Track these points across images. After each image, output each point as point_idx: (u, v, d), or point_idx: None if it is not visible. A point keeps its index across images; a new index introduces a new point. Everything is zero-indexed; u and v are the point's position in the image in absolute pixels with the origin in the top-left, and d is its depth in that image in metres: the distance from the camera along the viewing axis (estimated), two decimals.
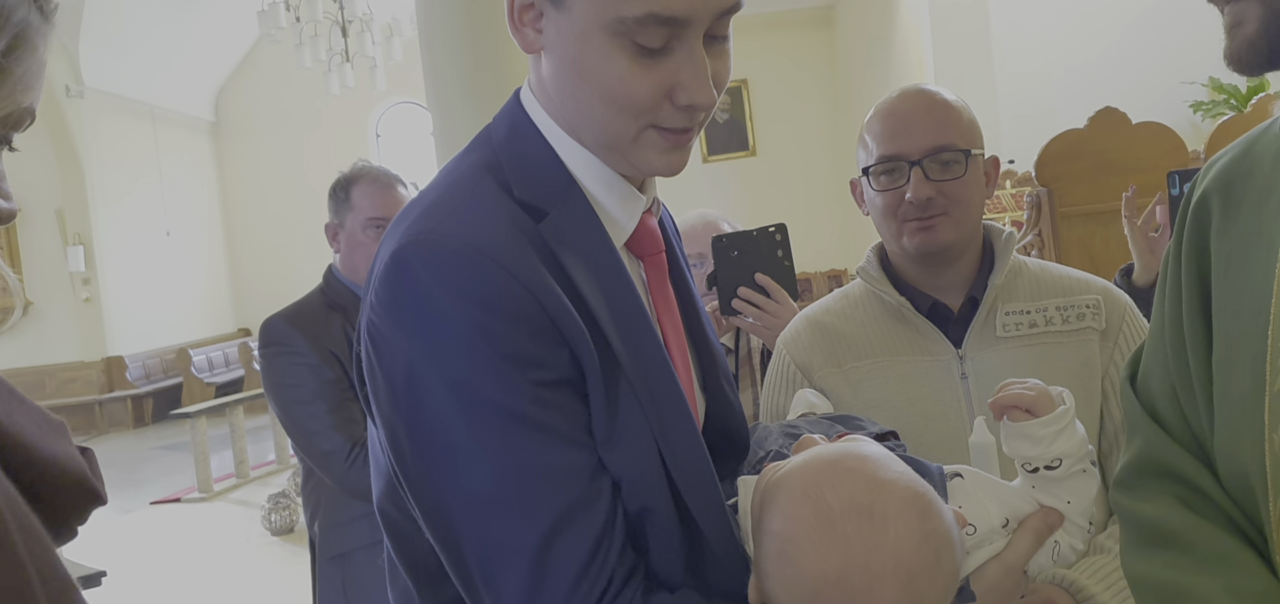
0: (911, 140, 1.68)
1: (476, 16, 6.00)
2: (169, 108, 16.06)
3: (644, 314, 1.13)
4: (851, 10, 14.15)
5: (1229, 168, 1.15)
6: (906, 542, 1.00)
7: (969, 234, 1.72)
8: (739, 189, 14.74)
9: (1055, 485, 1.21)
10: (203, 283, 16.74)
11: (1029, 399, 1.21)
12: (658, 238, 1.23)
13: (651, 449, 1.10)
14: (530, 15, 1.10)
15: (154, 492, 10.24)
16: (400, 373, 1.05)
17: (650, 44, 1.04)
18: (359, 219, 2.71)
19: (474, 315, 1.01)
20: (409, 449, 1.06)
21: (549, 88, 1.14)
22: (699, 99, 1.06)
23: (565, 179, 1.14)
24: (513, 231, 1.06)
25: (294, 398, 2.62)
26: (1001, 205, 7.78)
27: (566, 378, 1.06)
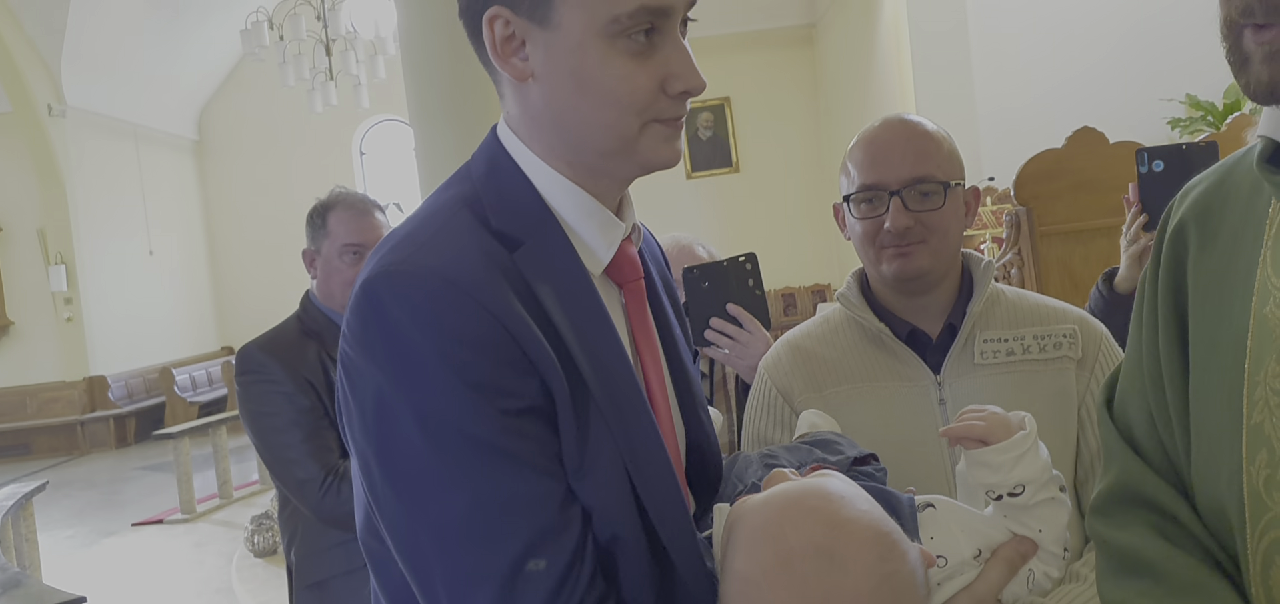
0: (891, 170, 1.70)
1: (459, 34, 5.91)
2: (152, 126, 16.00)
3: (618, 343, 1.14)
4: (833, 29, 14.22)
5: (1206, 196, 1.15)
6: (864, 585, 1.01)
7: (946, 262, 1.75)
8: (722, 205, 14.77)
9: (1024, 513, 1.21)
10: (186, 302, 16.66)
11: (981, 429, 1.21)
12: (637, 265, 1.24)
13: (622, 478, 1.11)
14: (513, 45, 1.12)
15: (136, 513, 10.16)
16: (370, 402, 1.06)
17: (642, 36, 1.08)
18: (335, 245, 2.70)
19: (442, 345, 1.03)
20: (380, 477, 1.07)
21: (535, 115, 1.16)
22: (692, 84, 1.11)
23: (541, 210, 1.15)
24: (484, 261, 1.08)
25: (269, 426, 2.61)
26: (982, 222, 7.82)
27: (536, 407, 1.07)
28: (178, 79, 16.11)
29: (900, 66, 11.01)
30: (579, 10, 1.07)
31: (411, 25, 6.36)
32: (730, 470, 1.34)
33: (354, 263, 2.70)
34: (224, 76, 17.21)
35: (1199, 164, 2.31)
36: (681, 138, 1.17)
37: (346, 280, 2.70)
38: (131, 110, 15.41)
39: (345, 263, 2.70)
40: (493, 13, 1.11)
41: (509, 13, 1.10)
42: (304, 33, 11.88)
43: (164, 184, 16.35)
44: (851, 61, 13.25)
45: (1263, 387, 1.00)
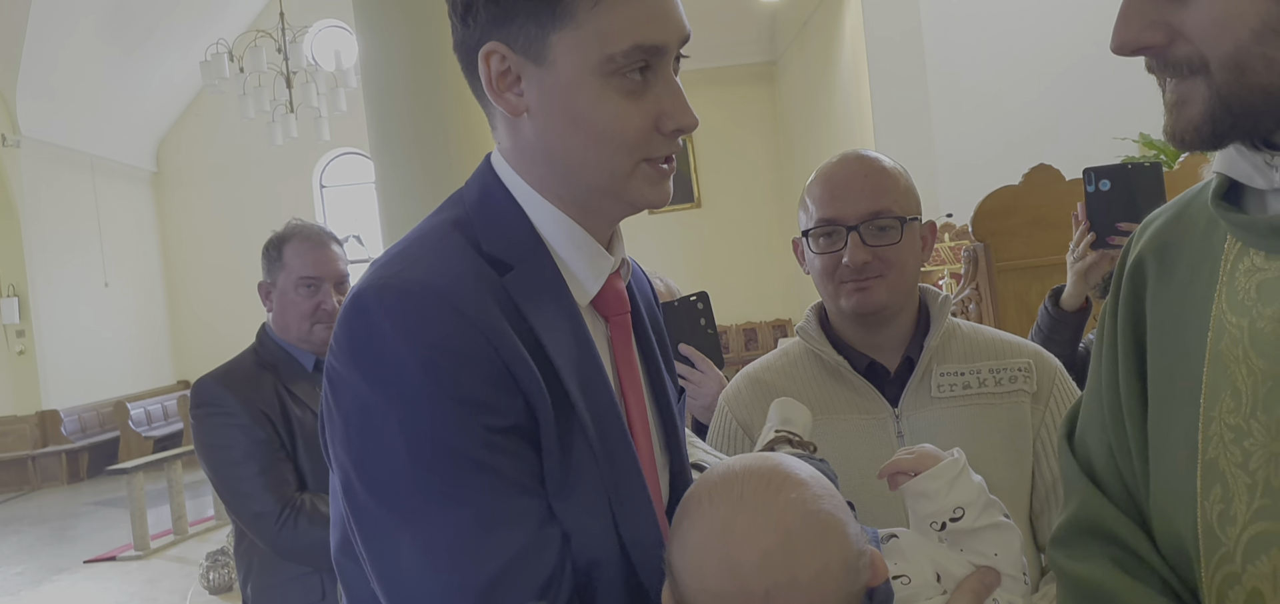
0: (849, 206, 1.73)
1: (421, 67, 6.00)
2: (109, 157, 15.84)
3: (602, 373, 1.15)
4: (793, 67, 14.37)
5: (1163, 231, 1.16)
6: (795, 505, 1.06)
7: (903, 296, 1.77)
8: (685, 240, 14.83)
9: (972, 538, 1.22)
10: (142, 335, 16.44)
11: (909, 462, 1.25)
12: (624, 299, 1.25)
13: (603, 505, 1.11)
14: (508, 80, 1.13)
15: (88, 549, 9.97)
16: (354, 412, 1.06)
17: (636, 75, 1.10)
18: (291, 278, 2.69)
19: (427, 357, 1.03)
20: (360, 488, 1.06)
21: (528, 149, 1.17)
22: (685, 122, 1.13)
23: (532, 238, 1.16)
24: (474, 279, 1.09)
25: (225, 459, 2.58)
26: (940, 258, 7.91)
27: (519, 426, 1.07)
28: (136, 110, 15.97)
29: (859, 104, 11.14)
30: (574, 49, 1.08)
31: (373, 58, 6.35)
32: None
33: (309, 295, 2.68)
34: (183, 108, 17.08)
35: (1144, 184, 2.37)
36: (670, 179, 1.19)
37: (302, 313, 2.68)
38: (88, 141, 15.25)
39: (301, 296, 2.68)
40: (489, 48, 1.12)
41: (505, 49, 1.11)
42: (264, 64, 11.84)
43: (121, 216, 16.16)
44: (811, 99, 13.40)
45: (1217, 422, 1.02)
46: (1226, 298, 1.04)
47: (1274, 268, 1.00)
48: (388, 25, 6.20)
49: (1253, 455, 0.98)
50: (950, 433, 1.71)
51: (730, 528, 1.05)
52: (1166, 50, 0.99)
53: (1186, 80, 0.99)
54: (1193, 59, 0.97)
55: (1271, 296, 1.00)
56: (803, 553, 1.03)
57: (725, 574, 1.03)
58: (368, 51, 6.42)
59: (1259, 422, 0.98)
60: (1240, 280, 1.04)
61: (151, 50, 15.05)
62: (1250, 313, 1.01)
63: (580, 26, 1.08)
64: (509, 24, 1.10)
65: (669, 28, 1.11)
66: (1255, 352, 1.00)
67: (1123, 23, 1.01)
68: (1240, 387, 1.01)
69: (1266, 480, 0.97)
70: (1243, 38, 0.94)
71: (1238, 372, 1.01)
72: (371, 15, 6.32)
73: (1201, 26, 0.96)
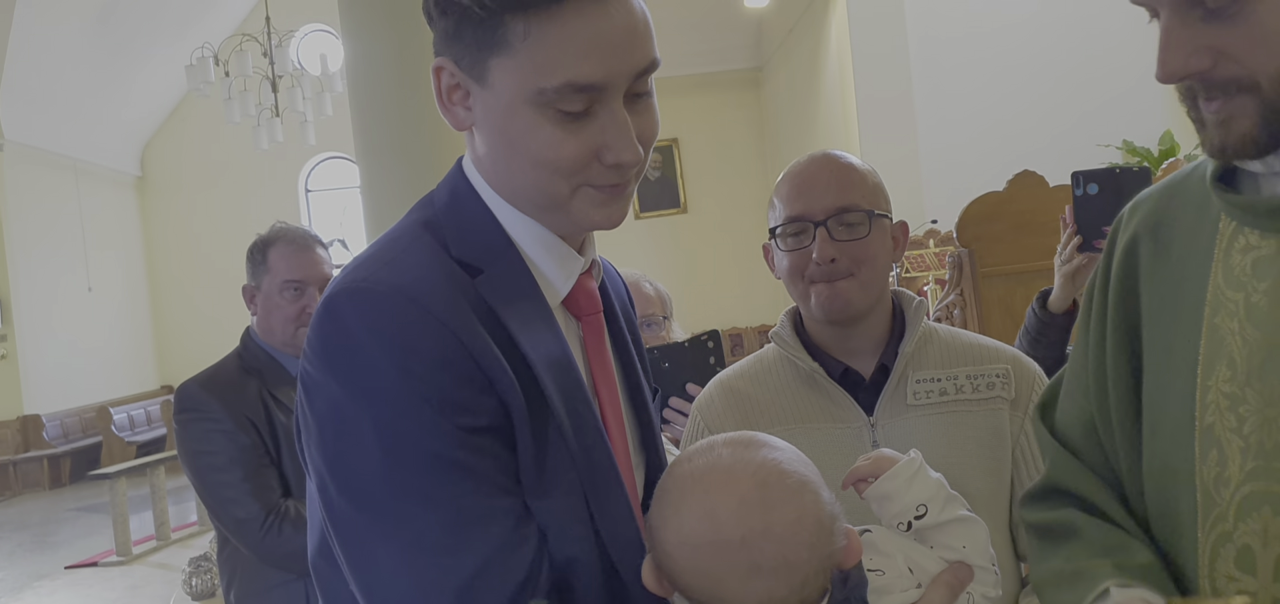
0: (815, 201, 1.71)
1: (406, 72, 6.00)
2: (93, 161, 15.76)
3: (576, 372, 1.16)
4: (779, 73, 14.40)
5: (1156, 209, 1.23)
6: (771, 461, 1.11)
7: (875, 295, 1.73)
8: (671, 245, 14.85)
9: (939, 533, 1.25)
10: (125, 339, 16.36)
11: (866, 467, 1.29)
12: (595, 298, 1.25)
13: (580, 501, 1.12)
14: (458, 94, 1.14)
15: (69, 555, 9.91)
16: (328, 416, 1.07)
17: (572, 109, 1.08)
18: (275, 281, 2.67)
19: (402, 360, 1.04)
20: (335, 491, 1.07)
21: (484, 160, 1.18)
22: (625, 157, 1.10)
23: (502, 240, 1.17)
24: (446, 281, 1.10)
25: (209, 464, 2.57)
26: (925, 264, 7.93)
27: (494, 425, 1.08)
28: (120, 114, 15.90)
29: (845, 111, 11.17)
30: (510, 75, 1.08)
31: (359, 62, 6.35)
32: None
33: (294, 299, 2.67)
34: (168, 112, 17.02)
35: (1132, 188, 2.39)
36: (623, 200, 1.17)
37: (287, 316, 2.67)
38: (72, 145, 15.17)
39: (286, 299, 2.67)
40: (439, 64, 1.13)
41: (453, 66, 1.12)
42: (250, 69, 11.81)
43: (105, 220, 16.08)
44: (797, 105, 13.43)
45: (1214, 391, 1.09)
46: (1222, 274, 1.11)
47: (1268, 245, 1.07)
48: (374, 30, 6.20)
49: (1247, 421, 1.06)
50: (927, 441, 1.66)
51: (708, 479, 1.10)
52: (1212, 73, 1.03)
53: (1233, 98, 1.03)
54: (1241, 79, 1.02)
55: (1266, 272, 1.07)
56: (778, 502, 1.08)
57: (703, 522, 1.08)
58: (353, 56, 6.42)
59: (1253, 389, 1.06)
60: (1236, 258, 1.10)
61: (136, 54, 14.99)
62: (1246, 288, 1.08)
63: (515, 55, 1.07)
64: (456, 42, 1.10)
65: (610, 64, 1.08)
66: (1251, 324, 1.07)
67: (1167, 52, 1.04)
68: (1236, 356, 1.08)
69: (1259, 444, 1.04)
70: None
71: (1233, 343, 1.08)
72: (357, 20, 6.32)
73: (1248, 47, 1.00)
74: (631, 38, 1.09)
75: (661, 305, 2.71)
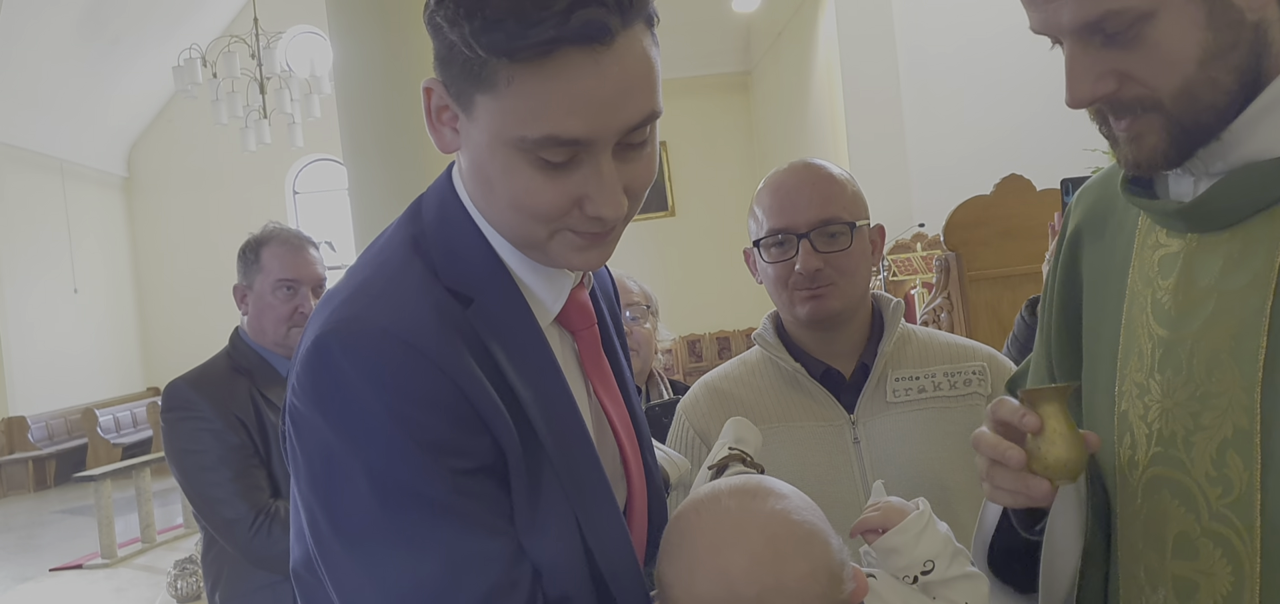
0: (799, 214, 1.76)
1: (394, 74, 6.00)
2: (79, 162, 15.70)
3: (570, 400, 1.14)
4: (768, 77, 14.43)
5: (1096, 199, 1.30)
6: (779, 513, 1.10)
7: (856, 300, 1.80)
8: (659, 248, 14.86)
9: (943, 588, 1.25)
10: (111, 341, 16.29)
11: (876, 519, 1.28)
12: (589, 312, 1.23)
13: (574, 537, 1.11)
14: (447, 115, 1.10)
15: (54, 557, 9.87)
16: (319, 458, 1.05)
17: (553, 159, 1.03)
18: (268, 280, 2.67)
19: (393, 404, 1.02)
20: (328, 533, 1.06)
21: (469, 184, 1.15)
22: (605, 213, 1.06)
23: (492, 263, 1.14)
24: (437, 318, 1.07)
25: (197, 464, 2.56)
26: (912, 268, 7.96)
27: (487, 465, 1.06)
28: (107, 115, 15.84)
29: (833, 115, 11.20)
30: (493, 115, 1.03)
31: (347, 64, 6.34)
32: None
33: (287, 299, 2.67)
34: (155, 113, 16.96)
35: None
36: (605, 245, 1.13)
37: (279, 316, 2.67)
38: (58, 145, 15.11)
39: (278, 299, 2.67)
40: (429, 84, 1.10)
41: (441, 89, 1.09)
42: (238, 70, 11.77)
43: (91, 221, 16.02)
44: (786, 109, 13.46)
45: (1128, 379, 1.17)
46: (1137, 269, 1.18)
47: (1174, 244, 1.13)
48: (362, 32, 6.20)
49: (1151, 409, 1.13)
50: (906, 438, 1.74)
51: (718, 537, 1.09)
52: (1118, 95, 1.07)
53: (1140, 116, 1.08)
54: (1145, 98, 1.06)
55: (1169, 271, 1.13)
56: (789, 557, 1.07)
57: (716, 582, 1.07)
58: (342, 58, 6.41)
59: (1156, 381, 1.13)
60: (1147, 255, 1.17)
61: (123, 54, 14.94)
62: (1153, 284, 1.15)
63: (499, 97, 1.02)
64: (447, 67, 1.06)
65: (597, 122, 1.02)
66: (1155, 320, 1.14)
67: (1074, 80, 1.08)
68: (1144, 349, 1.15)
69: (1160, 431, 1.12)
70: (1189, 70, 1.04)
71: (1142, 336, 1.15)
72: (346, 22, 6.32)
73: (1148, 69, 1.05)
74: (623, 96, 1.03)
75: (645, 299, 2.73)
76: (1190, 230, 1.12)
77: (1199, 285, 1.10)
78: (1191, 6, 1.02)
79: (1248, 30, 1.03)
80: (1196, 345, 1.09)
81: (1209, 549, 1.07)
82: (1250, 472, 1.04)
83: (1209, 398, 1.07)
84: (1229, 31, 1.03)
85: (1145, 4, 1.02)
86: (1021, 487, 1.11)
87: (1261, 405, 1.03)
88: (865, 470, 1.73)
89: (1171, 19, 1.02)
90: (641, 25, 1.04)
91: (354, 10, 6.25)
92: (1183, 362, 1.10)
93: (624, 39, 1.01)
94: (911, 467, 1.72)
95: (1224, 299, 1.07)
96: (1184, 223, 1.12)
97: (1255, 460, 1.04)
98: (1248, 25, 1.03)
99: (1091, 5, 1.03)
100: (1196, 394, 1.09)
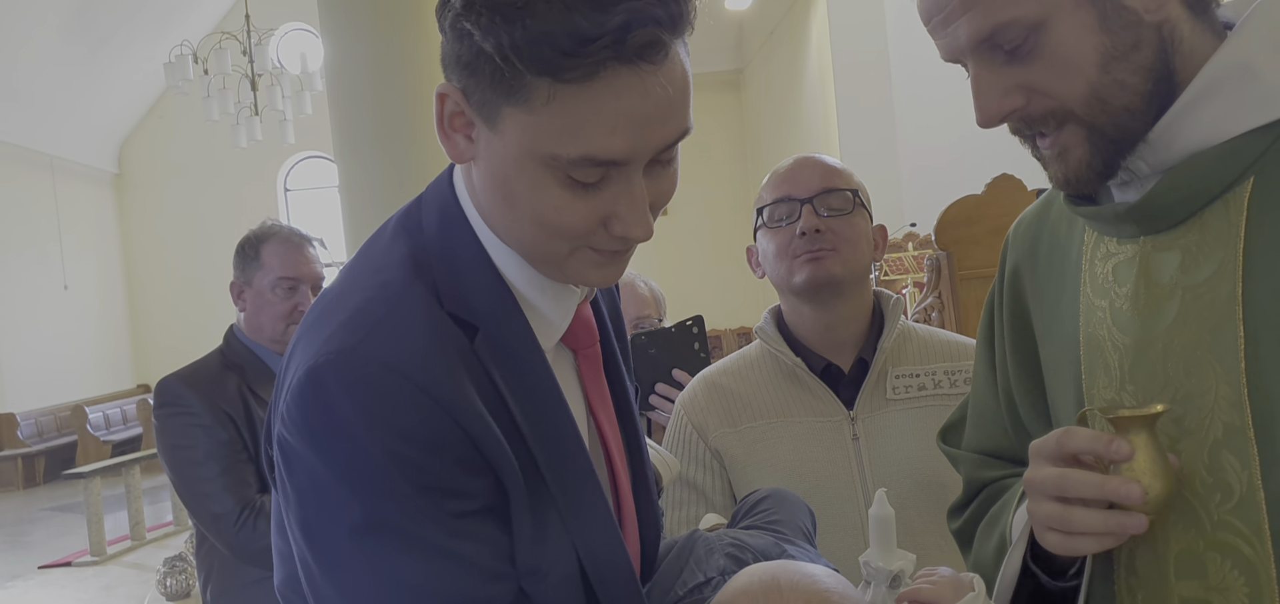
0: (800, 184, 1.78)
1: (386, 71, 5.99)
2: (70, 158, 15.65)
3: (574, 431, 1.09)
4: (759, 76, 14.44)
5: (1031, 231, 1.29)
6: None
7: (857, 272, 1.79)
8: (651, 247, 14.67)
9: None
10: (101, 338, 16.24)
11: (929, 593, 1.22)
12: (592, 330, 1.19)
13: (576, 576, 1.07)
14: (461, 122, 1.02)
15: (43, 555, 9.83)
16: (309, 494, 1.00)
17: (586, 180, 0.97)
18: (268, 278, 2.66)
19: (390, 445, 0.97)
20: (317, 572, 1.01)
21: (479, 196, 1.07)
22: (634, 233, 1.01)
23: (498, 287, 1.08)
24: (438, 349, 1.01)
25: (186, 459, 2.56)
26: (904, 267, 7.96)
27: (488, 506, 1.02)
28: (98, 111, 15.79)
29: (825, 114, 11.21)
30: (523, 130, 0.96)
31: (338, 61, 6.33)
32: (687, 556, 1.26)
33: (287, 296, 2.66)
34: (146, 109, 16.91)
35: None
36: (623, 261, 1.08)
37: (278, 314, 2.66)
38: (49, 142, 15.06)
39: (277, 296, 2.66)
40: (445, 90, 1.02)
41: (461, 99, 1.00)
42: (229, 67, 11.74)
43: (82, 217, 15.97)
44: (778, 108, 13.46)
45: (1098, 398, 1.13)
46: (1089, 284, 1.15)
47: (1125, 251, 1.11)
48: (353, 29, 6.18)
49: None
50: (905, 435, 1.75)
51: None
52: (1027, 109, 1.06)
53: (1058, 131, 1.06)
54: (1055, 110, 1.05)
55: (1125, 277, 1.10)
56: None
57: None
58: (333, 55, 6.40)
59: (1128, 391, 1.09)
60: (1098, 266, 1.14)
61: (114, 50, 14.89)
62: (1110, 294, 1.12)
63: (533, 112, 0.94)
64: (470, 75, 0.97)
65: (637, 142, 0.96)
66: (1118, 328, 1.11)
67: (981, 99, 1.07)
68: (1109, 361, 1.11)
69: None
70: (1091, 75, 1.03)
71: (1106, 349, 1.12)
72: (337, 19, 6.30)
73: (1051, 78, 1.04)
74: (667, 113, 0.97)
75: (656, 306, 2.73)
76: (1142, 233, 1.09)
77: (1159, 284, 1.07)
78: (1082, 11, 1.01)
79: (1148, 30, 1.02)
80: (1168, 347, 1.05)
81: (1217, 563, 1.01)
82: (1249, 471, 0.99)
83: (1191, 399, 1.03)
84: (1126, 33, 1.02)
85: (1034, 13, 1.01)
86: (1117, 527, 1.00)
87: (1250, 398, 0.99)
88: (864, 467, 1.73)
89: (1064, 25, 1.01)
90: (682, 38, 0.99)
91: (346, 7, 6.23)
92: (1156, 367, 1.06)
93: (672, 55, 0.97)
94: (910, 464, 1.72)
95: (1190, 294, 1.04)
96: (1134, 225, 1.09)
97: (1252, 458, 0.99)
98: (1147, 26, 1.02)
99: (982, 19, 1.03)
100: (1176, 398, 1.04)
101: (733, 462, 1.79)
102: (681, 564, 1.24)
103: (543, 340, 1.10)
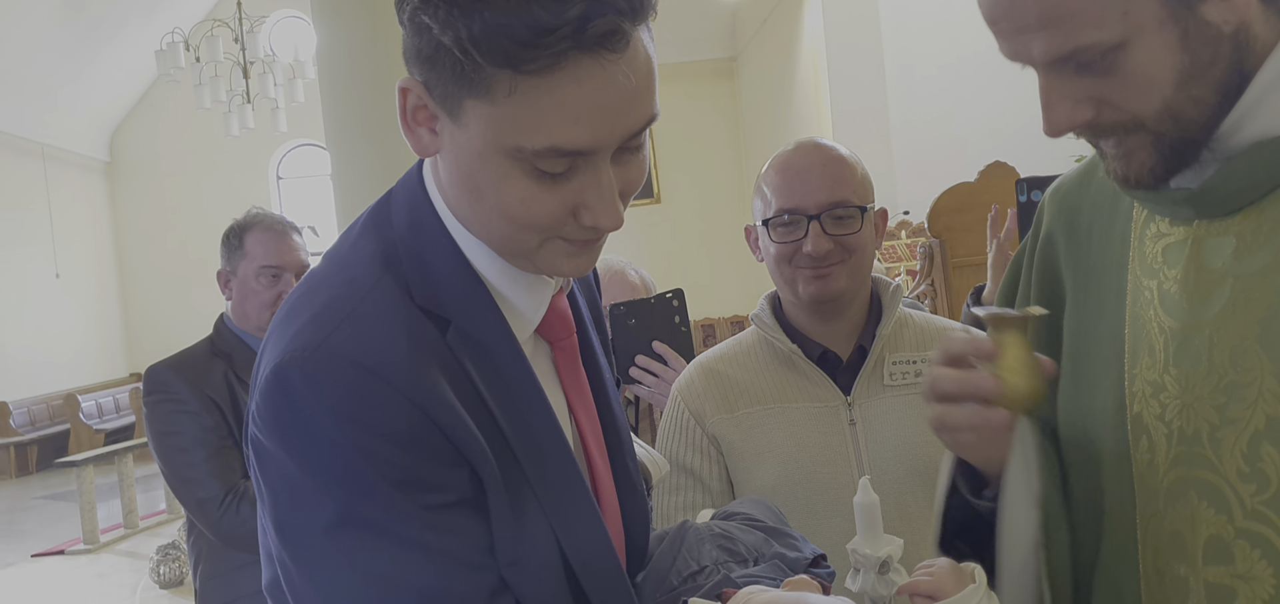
0: (809, 196, 1.74)
1: (378, 59, 5.97)
2: (61, 146, 15.59)
3: (552, 420, 1.09)
4: (753, 63, 14.42)
5: (1071, 198, 1.26)
6: None
7: (861, 283, 1.80)
8: (644, 235, 14.84)
9: None
10: (93, 326, 16.21)
11: (929, 585, 1.21)
12: (568, 321, 1.18)
13: (557, 565, 1.06)
14: (424, 115, 1.01)
15: (36, 543, 9.83)
16: (283, 493, 1.00)
17: (552, 171, 0.97)
18: (252, 266, 2.69)
19: (360, 440, 0.96)
20: (294, 569, 1.00)
21: (447, 191, 1.07)
22: (603, 222, 1.00)
23: (469, 280, 1.07)
24: (410, 344, 1.00)
25: (173, 445, 2.59)
26: (897, 255, 7.98)
27: (463, 498, 1.01)
28: (89, 98, 15.72)
29: (818, 102, 11.20)
30: (487, 123, 0.95)
31: (330, 49, 6.31)
32: (679, 545, 1.26)
33: (271, 284, 2.69)
34: (138, 97, 16.84)
35: None
36: (595, 250, 1.07)
37: (263, 302, 2.68)
38: (39, 129, 14.99)
39: (262, 284, 2.69)
40: (407, 84, 1.00)
41: (423, 92, 0.99)
42: (221, 54, 11.70)
43: (73, 205, 15.92)
44: (771, 96, 13.45)
45: (1140, 379, 1.11)
46: (1138, 262, 1.14)
47: (1177, 233, 1.10)
48: (345, 17, 6.16)
49: (1168, 407, 1.08)
50: (902, 421, 1.74)
51: None
52: (1097, 120, 1.05)
53: (1126, 137, 1.05)
54: (1127, 122, 1.04)
55: (1175, 259, 1.09)
56: None
57: None
58: (325, 43, 6.38)
59: (1171, 376, 1.08)
60: (1149, 245, 1.13)
61: (105, 38, 14.82)
62: (1158, 275, 1.11)
63: (495, 104, 0.93)
64: (431, 68, 0.96)
65: (603, 131, 0.95)
66: (1165, 311, 1.09)
67: (1050, 110, 1.06)
68: (1155, 344, 1.10)
69: (1181, 430, 1.06)
70: (1167, 92, 1.01)
71: (1152, 331, 1.10)
72: (329, 6, 6.28)
73: (1125, 94, 1.02)
74: (632, 101, 0.96)
75: (647, 295, 2.73)
76: (1197, 216, 1.07)
77: (1211, 270, 1.05)
78: (1165, 31, 0.99)
79: (1226, 44, 1.00)
80: (1216, 334, 1.04)
81: (1246, 551, 1.01)
82: None
83: (1236, 388, 1.02)
84: (1206, 49, 1.00)
85: (1116, 35, 0.98)
86: (979, 419, 1.09)
87: None
88: (861, 453, 1.73)
89: (1146, 45, 0.99)
90: (645, 24, 0.98)
91: None
92: (1202, 352, 1.05)
93: (633, 43, 0.95)
94: (906, 450, 1.72)
95: (1242, 283, 1.03)
96: (1191, 209, 1.07)
97: None
98: (1225, 39, 1.00)
99: (1061, 40, 1.00)
100: (1220, 385, 1.03)
101: (730, 448, 1.79)
102: (675, 553, 1.24)
103: (517, 332, 1.09)
